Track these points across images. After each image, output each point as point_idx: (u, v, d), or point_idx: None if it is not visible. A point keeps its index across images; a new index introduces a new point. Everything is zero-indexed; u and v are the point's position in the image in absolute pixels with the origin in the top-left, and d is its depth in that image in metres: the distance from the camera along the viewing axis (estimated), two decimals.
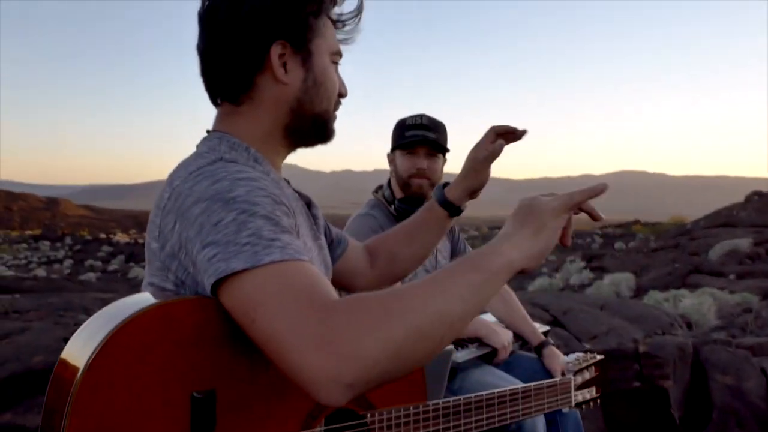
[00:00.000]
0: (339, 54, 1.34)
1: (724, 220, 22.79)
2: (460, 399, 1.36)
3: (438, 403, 1.32)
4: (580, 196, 1.14)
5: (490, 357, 2.45)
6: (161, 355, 0.95)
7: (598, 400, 1.71)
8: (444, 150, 2.58)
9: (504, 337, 2.45)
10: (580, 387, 1.65)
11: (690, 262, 14.15)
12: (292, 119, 1.28)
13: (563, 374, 1.69)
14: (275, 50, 1.21)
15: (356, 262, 1.65)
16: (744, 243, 15.76)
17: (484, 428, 1.42)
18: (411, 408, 1.27)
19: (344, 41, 1.37)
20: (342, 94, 1.37)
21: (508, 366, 2.54)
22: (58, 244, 42.04)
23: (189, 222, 1.02)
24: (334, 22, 1.34)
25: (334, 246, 1.59)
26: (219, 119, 1.30)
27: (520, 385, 1.54)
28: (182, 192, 1.07)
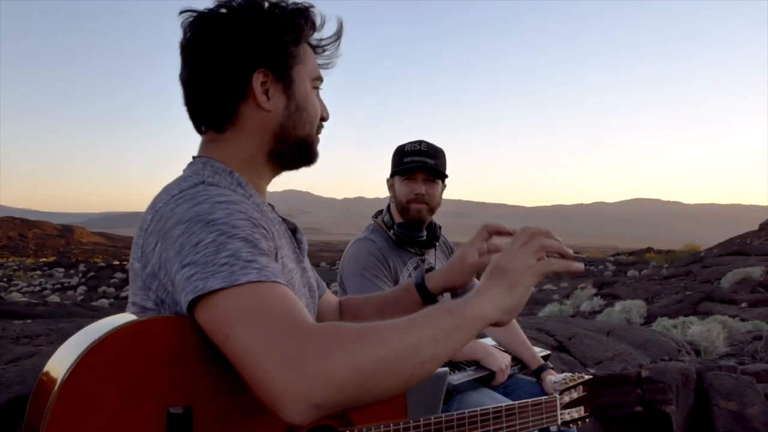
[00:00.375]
0: (320, 79, 1.38)
1: (737, 248, 22.61)
2: (441, 416, 1.36)
3: (419, 421, 1.31)
4: (558, 268, 1.21)
5: (487, 380, 2.48)
6: (136, 372, 0.96)
7: (587, 420, 1.72)
8: (443, 176, 2.62)
9: (501, 360, 2.48)
10: (568, 406, 1.67)
11: (701, 290, 14.02)
12: (275, 144, 1.32)
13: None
14: (257, 78, 1.26)
15: (326, 310, 1.67)
16: (756, 271, 15.61)
17: None
18: (391, 425, 1.26)
19: (324, 66, 1.41)
20: (324, 118, 1.41)
21: (506, 389, 2.57)
22: (72, 271, 42.30)
23: (170, 242, 1.06)
24: (314, 48, 1.38)
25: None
26: (204, 146, 1.34)
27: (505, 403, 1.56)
28: (164, 214, 1.11)
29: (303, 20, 1.31)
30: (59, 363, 0.95)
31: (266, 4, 1.28)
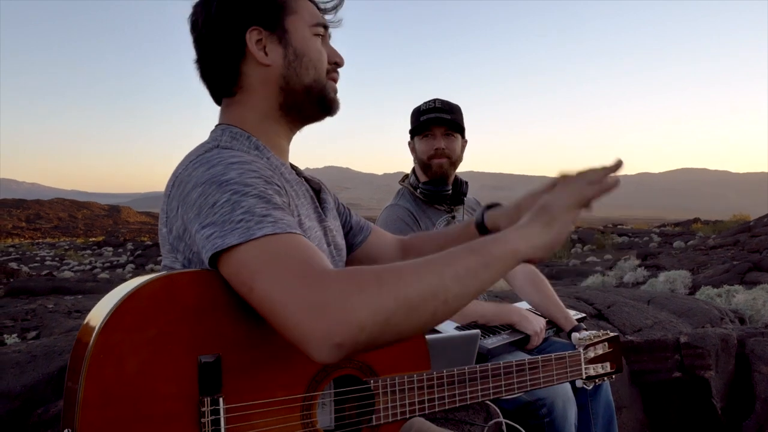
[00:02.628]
0: (321, 25, 1.39)
1: None
2: (464, 369, 1.40)
3: (442, 372, 1.36)
4: (592, 192, 1.22)
5: (522, 343, 2.51)
6: (167, 321, 1.01)
7: (613, 376, 1.75)
8: (461, 129, 2.64)
9: (536, 324, 2.51)
10: (593, 361, 1.70)
11: (749, 260, 13.68)
12: (284, 97, 1.36)
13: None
14: (251, 37, 1.32)
15: (382, 250, 1.72)
16: None
17: (491, 396, 1.45)
18: (415, 375, 1.32)
19: (331, 21, 1.44)
20: (337, 63, 1.42)
21: (541, 352, 2.60)
22: (120, 250, 43.42)
23: (189, 205, 1.12)
24: (317, 6, 1.41)
25: (354, 233, 1.67)
26: (222, 113, 1.40)
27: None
28: (183, 179, 1.17)
29: None
30: (97, 314, 1.01)
31: None
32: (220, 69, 1.36)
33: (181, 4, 1.40)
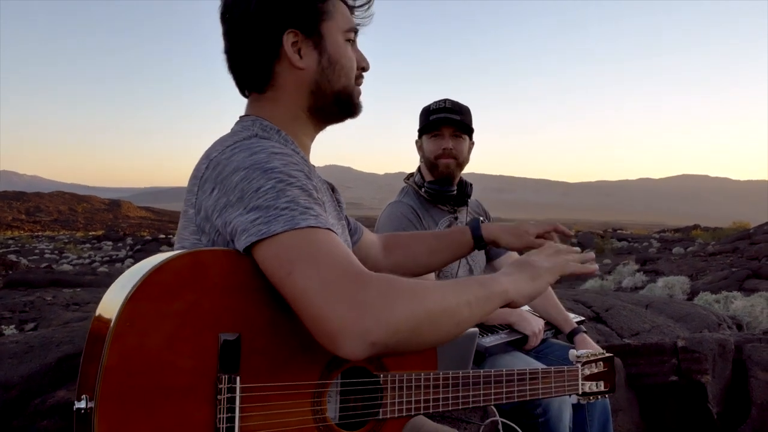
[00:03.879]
0: (353, 30, 1.42)
1: None
2: (469, 372, 1.43)
3: (448, 373, 1.39)
4: (574, 269, 1.46)
5: (520, 343, 2.52)
6: (192, 297, 1.03)
7: (606, 395, 1.78)
8: (469, 131, 2.64)
9: (535, 325, 2.52)
10: (589, 378, 1.73)
11: (748, 267, 13.70)
12: (314, 100, 1.38)
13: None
14: (287, 39, 1.33)
15: (369, 250, 1.78)
16: None
17: (492, 402, 1.47)
18: (422, 374, 1.34)
19: (360, 22, 1.46)
20: (364, 68, 1.45)
21: (538, 353, 2.61)
22: (120, 244, 43.44)
23: (229, 188, 1.13)
24: (347, 3, 1.43)
25: (351, 232, 1.72)
26: (249, 106, 1.41)
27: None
28: (220, 161, 1.18)
29: None
30: (115, 295, 1.02)
31: None
32: (253, 66, 1.37)
33: None
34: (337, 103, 1.41)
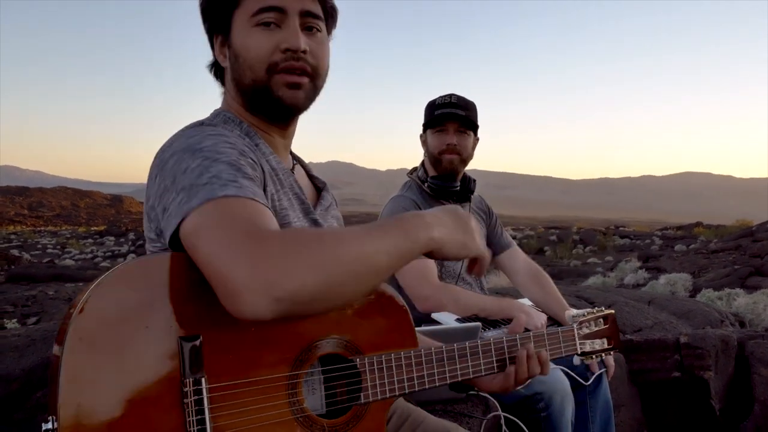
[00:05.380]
0: (264, 10, 1.30)
1: None
2: (453, 346, 1.40)
3: (429, 349, 1.36)
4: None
5: None
6: (144, 303, 1.01)
7: (611, 352, 1.72)
8: (474, 127, 2.64)
9: (537, 320, 2.51)
10: (587, 337, 1.68)
11: (751, 264, 13.67)
12: (241, 96, 1.39)
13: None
14: (216, 43, 1.39)
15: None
16: None
17: (482, 373, 1.44)
18: (402, 353, 1.31)
19: None
20: (288, 49, 1.30)
21: None
22: (122, 239, 43.49)
23: (166, 173, 1.13)
24: None
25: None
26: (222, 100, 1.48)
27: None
28: (163, 149, 1.20)
29: None
30: (74, 302, 1.01)
31: None
32: (214, 71, 1.46)
33: None
34: (255, 99, 1.36)
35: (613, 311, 1.76)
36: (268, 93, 1.33)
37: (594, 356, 1.69)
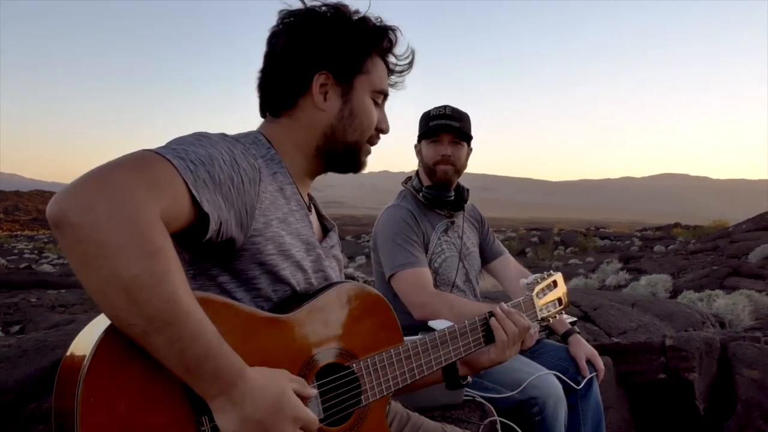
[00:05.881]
0: (383, 93, 1.47)
1: (766, 224, 22.27)
2: (434, 334, 1.51)
3: (416, 342, 1.46)
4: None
5: None
6: (144, 355, 0.99)
7: (563, 312, 1.87)
8: (468, 138, 2.69)
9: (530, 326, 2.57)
10: (545, 304, 1.81)
11: (728, 265, 13.92)
12: (324, 142, 1.43)
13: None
14: (318, 79, 1.39)
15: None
16: None
17: (462, 355, 1.56)
18: (392, 350, 1.41)
19: (394, 86, 1.52)
20: (382, 131, 1.50)
21: (534, 353, 2.67)
22: None
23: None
24: (388, 66, 1.48)
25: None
26: (263, 124, 1.48)
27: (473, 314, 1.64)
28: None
29: (380, 38, 1.43)
30: (77, 355, 1.00)
31: (355, 17, 1.41)
32: (280, 92, 1.43)
33: None
34: (345, 153, 1.47)
35: (560, 273, 1.87)
36: (356, 155, 1.49)
37: (549, 320, 1.81)
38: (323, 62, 1.38)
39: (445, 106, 2.67)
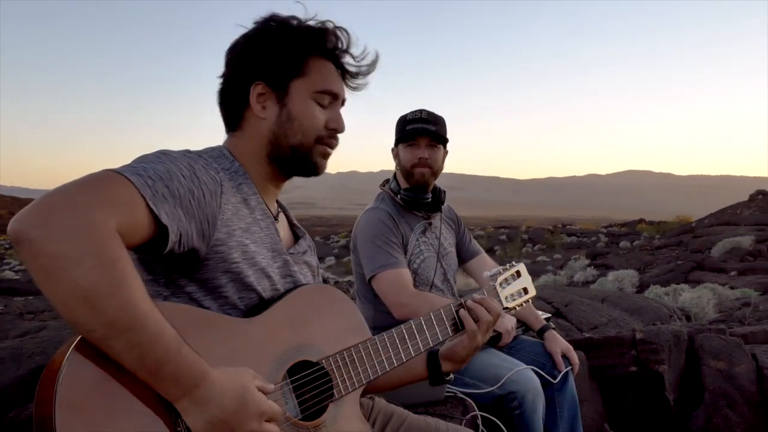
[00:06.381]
0: (328, 93, 1.49)
1: (727, 219, 22.87)
2: (401, 327, 1.55)
3: (383, 335, 1.51)
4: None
5: (494, 341, 2.63)
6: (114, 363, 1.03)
7: (529, 300, 1.88)
8: (444, 141, 2.76)
9: (507, 322, 2.63)
10: (510, 294, 1.83)
11: (693, 259, 14.25)
12: (271, 149, 1.48)
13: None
14: (254, 90, 1.45)
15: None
16: (746, 240, 15.83)
17: (430, 345, 1.59)
18: (360, 345, 1.47)
19: (355, 87, 1.57)
20: (335, 130, 1.52)
21: (511, 349, 2.74)
22: None
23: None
24: (344, 70, 1.53)
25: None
26: (225, 140, 1.54)
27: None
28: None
29: (315, 39, 1.47)
30: (52, 370, 1.02)
31: (295, 22, 1.46)
32: (227, 108, 1.52)
33: None
34: (294, 156, 1.50)
35: (522, 264, 1.91)
36: (307, 157, 1.51)
37: (516, 308, 1.84)
38: (256, 73, 1.45)
39: (421, 110, 2.73)
